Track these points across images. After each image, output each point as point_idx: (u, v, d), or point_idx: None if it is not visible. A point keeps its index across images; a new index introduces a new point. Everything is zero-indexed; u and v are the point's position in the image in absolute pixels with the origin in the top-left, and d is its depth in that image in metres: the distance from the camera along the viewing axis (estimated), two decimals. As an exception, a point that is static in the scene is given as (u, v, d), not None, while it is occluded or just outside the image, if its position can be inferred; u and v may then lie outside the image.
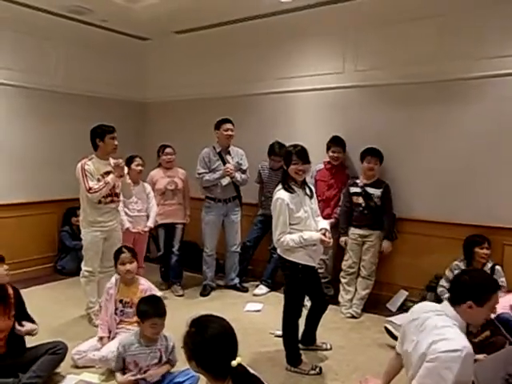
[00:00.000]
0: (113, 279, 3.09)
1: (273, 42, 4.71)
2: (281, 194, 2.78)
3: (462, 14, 3.67)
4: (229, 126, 4.22)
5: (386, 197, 3.89)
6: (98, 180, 3.43)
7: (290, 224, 2.77)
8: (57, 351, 2.65)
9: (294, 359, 2.90)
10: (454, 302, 2.05)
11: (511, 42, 3.48)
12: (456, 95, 3.76)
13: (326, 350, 3.17)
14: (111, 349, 2.76)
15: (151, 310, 2.50)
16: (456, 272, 3.53)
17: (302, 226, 2.79)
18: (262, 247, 4.60)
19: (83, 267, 3.54)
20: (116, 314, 2.99)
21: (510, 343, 2.80)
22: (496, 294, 2.03)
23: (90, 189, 3.37)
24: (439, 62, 3.76)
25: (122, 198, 3.73)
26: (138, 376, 2.52)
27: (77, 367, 2.84)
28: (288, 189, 2.80)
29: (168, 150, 4.44)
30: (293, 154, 2.80)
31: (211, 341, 1.59)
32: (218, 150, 4.28)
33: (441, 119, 3.84)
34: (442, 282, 3.61)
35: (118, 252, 3.07)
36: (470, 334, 2.19)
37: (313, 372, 2.85)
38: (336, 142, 4.14)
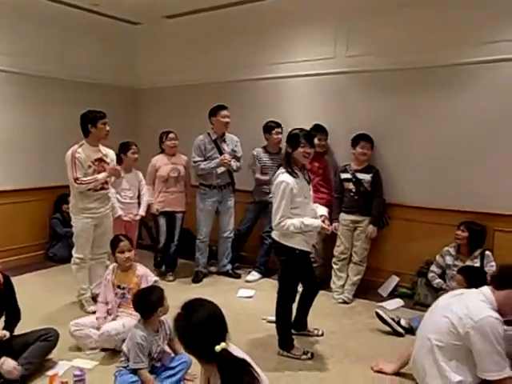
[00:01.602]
0: (110, 266, 3.13)
1: (264, 27, 4.66)
2: (285, 177, 2.75)
3: (453, 2, 3.63)
4: (226, 112, 4.17)
5: (376, 181, 3.89)
6: (89, 166, 3.39)
7: (290, 208, 2.76)
8: (48, 338, 2.65)
9: (286, 344, 2.92)
10: (498, 286, 2.20)
11: (502, 27, 3.47)
12: (448, 81, 3.75)
13: (318, 335, 3.20)
14: (111, 326, 2.81)
15: (156, 301, 2.51)
16: (447, 258, 3.58)
17: (300, 210, 2.78)
18: (254, 233, 4.60)
19: (74, 254, 3.52)
20: (116, 297, 3.04)
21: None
22: None
23: (77, 179, 3.32)
24: (430, 48, 3.74)
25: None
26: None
27: (72, 351, 2.86)
28: (292, 173, 2.78)
29: (171, 135, 4.37)
30: (301, 136, 2.78)
31: (197, 325, 1.62)
32: (213, 138, 4.24)
33: (432, 105, 3.84)
34: (433, 268, 3.66)
35: (116, 241, 3.07)
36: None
37: (304, 357, 2.88)
38: (320, 130, 4.12)
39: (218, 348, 1.56)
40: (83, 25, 5.03)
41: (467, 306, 2.18)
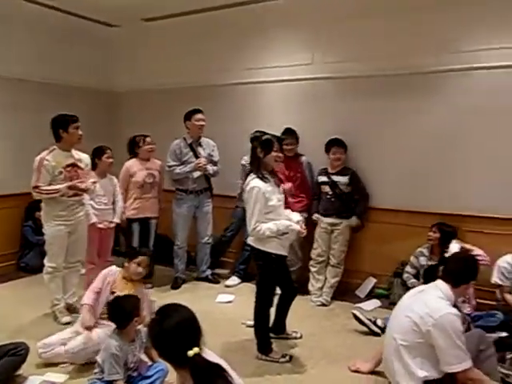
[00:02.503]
0: (115, 269, 2.98)
1: (243, 32, 4.67)
2: (256, 182, 2.78)
3: (429, 10, 3.74)
4: (200, 116, 4.16)
5: (355, 180, 3.97)
6: (60, 173, 3.30)
7: (264, 213, 2.77)
8: (18, 352, 2.54)
9: (264, 348, 2.92)
10: (455, 284, 2.37)
11: (475, 37, 3.60)
12: (422, 88, 3.85)
13: (296, 338, 3.21)
14: (78, 342, 2.71)
15: (131, 311, 2.44)
16: (420, 258, 3.66)
17: (274, 214, 2.81)
18: (235, 238, 4.60)
19: (46, 263, 3.42)
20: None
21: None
22: None
23: (36, 187, 3.23)
24: (406, 56, 3.83)
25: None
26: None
27: (43, 365, 2.76)
28: (262, 178, 2.81)
29: (149, 139, 4.29)
30: (274, 141, 2.83)
31: (169, 330, 1.62)
32: (189, 142, 4.21)
33: (405, 111, 3.93)
34: (408, 268, 3.73)
35: (140, 252, 2.98)
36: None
37: (283, 360, 2.88)
38: (290, 134, 4.14)
39: (190, 353, 1.55)
40: (58, 26, 4.92)
41: (427, 305, 2.29)
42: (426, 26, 3.76)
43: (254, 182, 2.79)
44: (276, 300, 3.10)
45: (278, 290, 3.16)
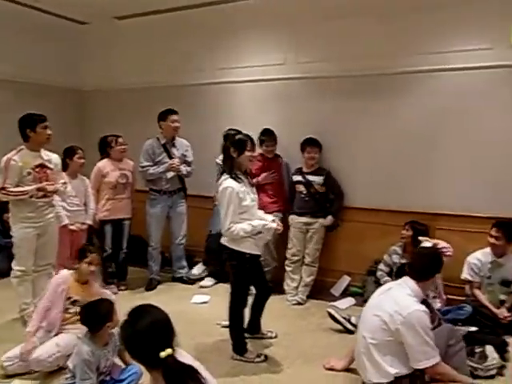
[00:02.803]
0: (65, 273, 2.89)
1: (216, 31, 4.65)
2: (230, 182, 2.76)
3: (398, 13, 3.82)
4: (176, 117, 4.13)
5: (330, 180, 4.01)
6: (29, 173, 3.20)
7: (238, 213, 2.76)
8: None
9: (239, 348, 2.91)
10: (419, 279, 2.41)
11: (443, 39, 3.69)
12: (391, 89, 3.92)
13: (272, 338, 3.22)
14: (47, 349, 2.62)
15: (105, 315, 2.39)
16: (394, 256, 3.72)
17: (248, 214, 2.80)
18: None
19: (14, 267, 3.31)
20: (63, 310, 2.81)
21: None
22: None
23: (3, 189, 3.12)
24: (375, 58, 3.90)
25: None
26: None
27: (7, 376, 2.66)
28: (236, 178, 2.80)
29: (121, 139, 4.21)
30: (247, 141, 2.82)
31: (140, 331, 1.60)
32: (162, 142, 4.17)
33: (378, 111, 3.99)
34: (381, 266, 3.78)
35: (87, 250, 2.90)
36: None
37: (258, 359, 2.88)
38: (269, 135, 4.15)
39: (162, 354, 1.54)
40: (25, 22, 4.78)
41: (396, 302, 2.33)
42: (395, 28, 3.84)
43: (227, 182, 2.78)
44: (251, 300, 3.10)
45: (253, 290, 3.17)
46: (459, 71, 3.67)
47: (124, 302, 2.59)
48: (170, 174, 4.12)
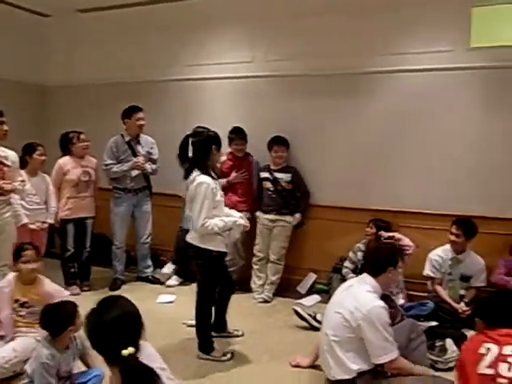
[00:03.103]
0: (9, 277, 2.79)
1: (183, 27, 4.59)
2: (204, 178, 2.76)
3: (362, 13, 3.89)
4: (141, 115, 4.05)
5: (297, 178, 4.04)
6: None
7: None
8: None
9: (206, 347, 2.89)
10: (374, 273, 2.45)
11: (403, 40, 3.80)
12: (355, 88, 3.99)
13: (238, 336, 3.21)
14: (3, 354, 2.51)
15: (67, 318, 2.30)
16: (358, 253, 3.79)
17: (218, 210, 2.81)
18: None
19: (-32, 268, 3.16)
20: (13, 313, 2.71)
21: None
22: None
23: None
24: (346, 56, 3.95)
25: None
26: None
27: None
28: (210, 174, 2.82)
29: (83, 136, 4.09)
30: (219, 138, 2.89)
31: (106, 324, 1.53)
32: (126, 139, 4.08)
33: (345, 110, 4.05)
34: (346, 264, 3.84)
35: (21, 249, 2.78)
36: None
37: (224, 358, 2.87)
38: (239, 133, 4.13)
39: (125, 352, 1.47)
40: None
41: (356, 299, 2.38)
42: (358, 28, 3.91)
43: (201, 177, 2.76)
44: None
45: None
46: (419, 72, 3.77)
47: (87, 303, 2.50)
48: (135, 173, 4.04)
